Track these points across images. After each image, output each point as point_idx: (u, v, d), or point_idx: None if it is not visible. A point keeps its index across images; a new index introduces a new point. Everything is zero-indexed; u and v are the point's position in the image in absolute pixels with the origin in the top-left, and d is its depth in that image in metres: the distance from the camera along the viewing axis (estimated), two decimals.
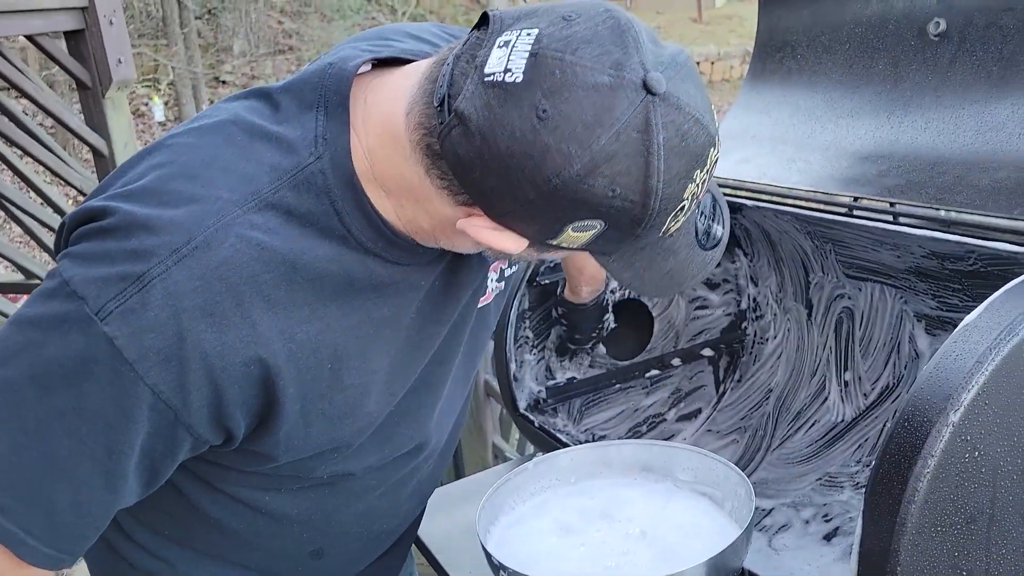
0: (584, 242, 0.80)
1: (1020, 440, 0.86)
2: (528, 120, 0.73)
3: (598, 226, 0.78)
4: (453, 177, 0.79)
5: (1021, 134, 1.13)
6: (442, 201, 0.83)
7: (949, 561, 0.85)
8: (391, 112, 0.84)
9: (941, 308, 1.39)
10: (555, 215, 0.77)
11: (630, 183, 0.74)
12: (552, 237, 0.80)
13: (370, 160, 0.86)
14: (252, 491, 1.01)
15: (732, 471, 1.11)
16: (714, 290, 1.76)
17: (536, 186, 0.74)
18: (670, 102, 0.75)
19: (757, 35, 1.60)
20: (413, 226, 0.89)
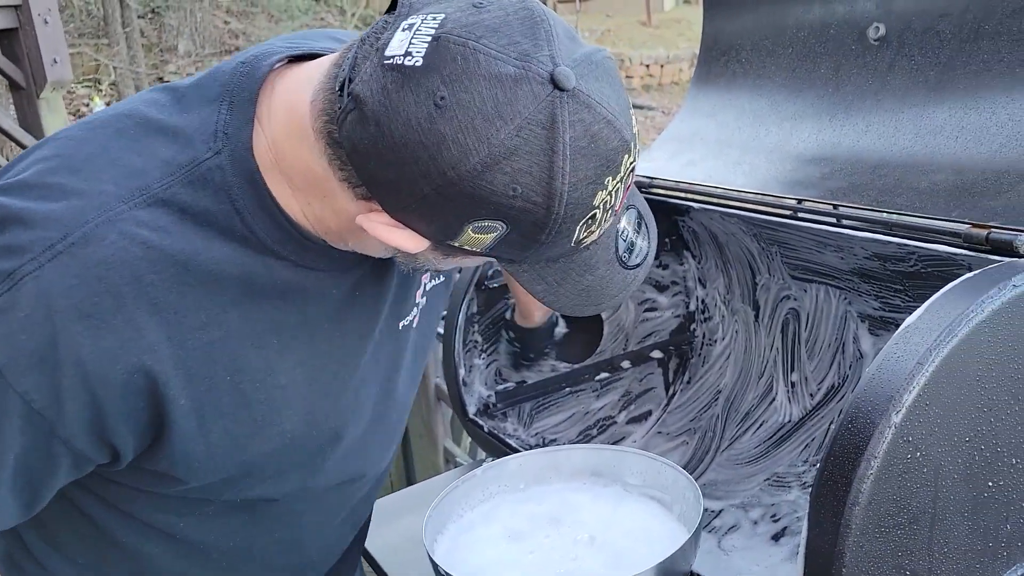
0: (487, 246, 0.76)
1: (961, 440, 0.87)
2: (425, 107, 0.68)
3: (500, 228, 0.73)
4: (352, 167, 0.74)
5: (958, 137, 1.15)
6: (344, 195, 0.77)
7: (893, 561, 0.86)
8: (297, 101, 0.79)
9: (884, 309, 1.41)
10: (453, 213, 0.72)
11: (532, 183, 0.70)
12: (452, 238, 0.75)
13: (275, 153, 0.80)
14: (165, 515, 0.94)
15: (680, 475, 1.11)
16: (663, 292, 1.77)
17: (431, 180, 0.70)
18: (580, 100, 0.70)
19: (702, 39, 1.61)
20: (322, 226, 0.83)
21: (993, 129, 1.11)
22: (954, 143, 1.15)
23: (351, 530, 1.13)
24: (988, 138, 1.11)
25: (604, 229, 0.80)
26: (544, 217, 0.72)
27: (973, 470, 0.89)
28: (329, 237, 0.84)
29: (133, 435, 0.80)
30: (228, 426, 0.84)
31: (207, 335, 0.80)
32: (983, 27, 1.16)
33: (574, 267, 0.82)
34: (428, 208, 0.72)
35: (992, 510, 0.91)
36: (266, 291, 0.83)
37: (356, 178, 0.74)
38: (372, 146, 0.70)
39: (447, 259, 0.83)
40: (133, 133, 0.81)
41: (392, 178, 0.71)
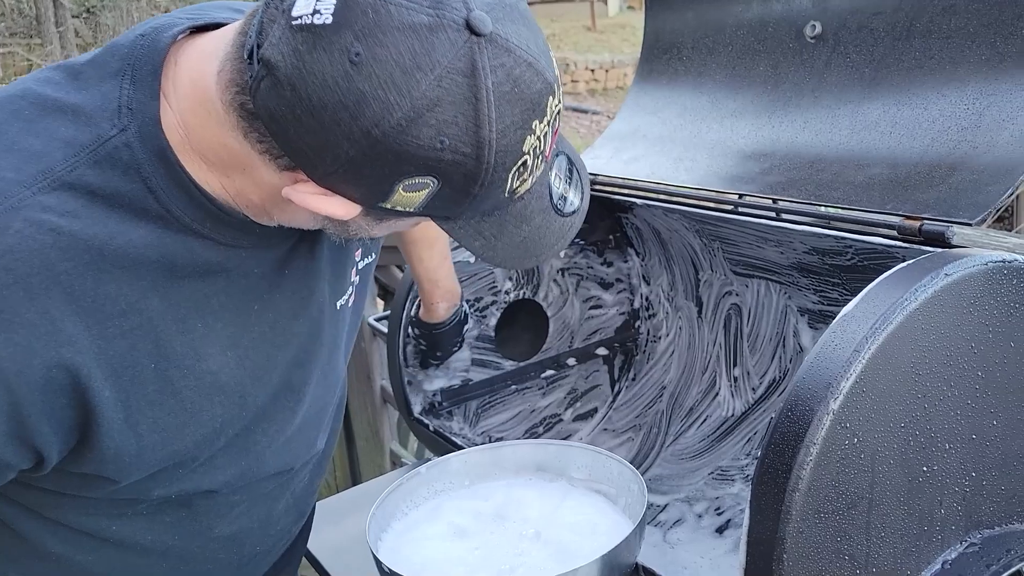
0: (420, 203, 0.73)
1: (896, 426, 0.89)
2: (340, 66, 0.65)
3: (431, 184, 0.70)
4: (271, 138, 0.71)
5: (892, 132, 1.18)
6: (266, 168, 0.74)
7: (832, 546, 0.87)
8: (201, 73, 0.75)
9: (822, 302, 1.44)
10: (381, 172, 0.69)
11: (459, 133, 0.68)
12: (383, 199, 0.72)
13: (185, 130, 0.77)
14: (95, 519, 0.89)
15: (625, 468, 1.11)
16: (607, 290, 1.78)
17: (355, 140, 0.67)
18: (498, 44, 0.68)
19: (644, 37, 1.62)
20: (244, 200, 0.79)
21: (925, 124, 1.14)
22: (888, 138, 1.17)
23: (295, 522, 1.09)
24: (920, 133, 1.14)
25: (536, 177, 0.78)
26: (475, 168, 0.70)
27: (908, 455, 0.90)
28: (252, 212, 0.81)
29: (58, 435, 0.76)
30: (157, 416, 0.81)
31: (128, 322, 0.76)
32: (915, 25, 1.19)
33: (510, 219, 0.79)
34: (355, 171, 0.69)
35: (926, 494, 0.93)
36: (187, 273, 0.80)
37: (277, 148, 0.71)
38: (290, 112, 0.68)
39: (380, 224, 0.80)
40: (28, 115, 0.77)
41: (315, 143, 0.69)
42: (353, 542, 1.28)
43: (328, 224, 0.81)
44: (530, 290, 1.68)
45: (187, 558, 0.96)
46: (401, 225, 0.84)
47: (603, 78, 15.91)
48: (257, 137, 0.72)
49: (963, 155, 1.08)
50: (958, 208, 1.03)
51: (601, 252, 1.75)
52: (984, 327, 0.92)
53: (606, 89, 15.85)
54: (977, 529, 0.98)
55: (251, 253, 0.84)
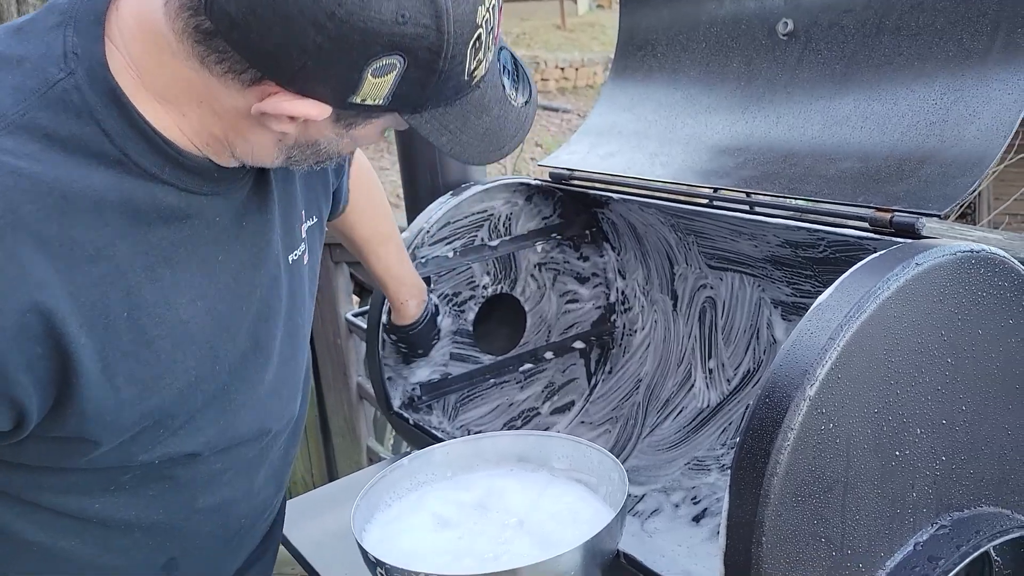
0: (388, 91, 0.74)
1: (870, 411, 0.91)
2: None
3: (398, 63, 0.72)
4: (233, 51, 0.71)
5: (863, 127, 1.20)
6: (229, 91, 0.75)
7: (809, 529, 0.90)
8: (146, 10, 0.75)
9: (795, 295, 1.47)
10: (348, 58, 0.71)
11: (418, 5, 0.70)
12: (353, 91, 0.74)
13: (136, 71, 0.76)
14: (77, 499, 0.87)
15: (606, 457, 1.13)
16: (583, 284, 1.79)
17: (320, 25, 0.68)
18: None
19: (619, 34, 1.64)
20: (203, 138, 0.80)
21: (895, 119, 1.17)
22: (859, 132, 1.20)
23: (274, 493, 1.09)
24: (891, 127, 1.17)
25: (489, 61, 0.81)
26: (437, 39, 0.72)
27: (881, 440, 0.93)
28: (213, 149, 0.81)
29: (37, 389, 0.75)
30: (132, 368, 0.80)
31: (98, 269, 0.76)
32: (884, 22, 1.22)
33: (471, 109, 0.82)
34: (324, 60, 0.70)
35: (899, 478, 0.95)
36: (151, 219, 0.79)
37: (241, 62, 0.72)
38: (250, 12, 0.68)
39: (349, 131, 0.82)
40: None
41: (280, 40, 0.69)
42: (335, 535, 1.29)
43: (295, 152, 0.82)
44: (508, 285, 1.70)
45: (172, 533, 0.95)
46: (371, 133, 0.84)
47: (573, 76, 15.96)
48: (216, 58, 0.72)
49: (932, 149, 1.11)
50: (927, 200, 1.06)
51: (577, 247, 1.76)
52: (953, 315, 0.95)
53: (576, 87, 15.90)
54: (947, 511, 1.01)
55: (210, 201, 0.84)
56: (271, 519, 1.15)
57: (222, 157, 0.83)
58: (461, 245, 1.60)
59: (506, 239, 1.66)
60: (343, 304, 2.42)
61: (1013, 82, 1.07)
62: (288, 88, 0.73)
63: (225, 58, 0.72)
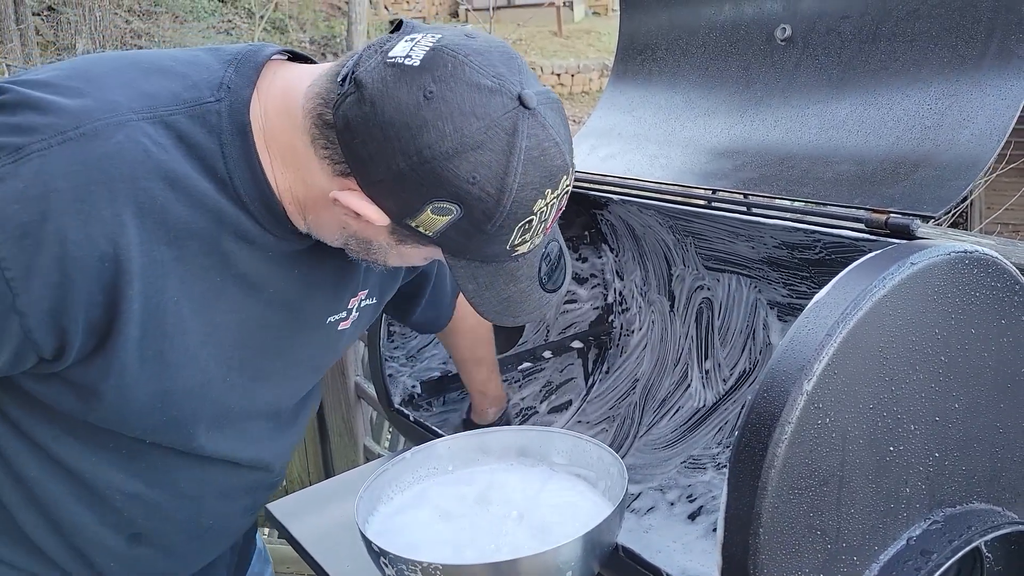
0: (439, 229, 0.86)
1: (865, 407, 0.93)
2: (415, 96, 0.81)
3: (454, 211, 0.84)
4: (338, 144, 0.85)
5: (859, 131, 1.23)
6: (322, 172, 0.88)
7: (805, 521, 0.91)
8: (293, 86, 0.90)
9: (791, 296, 1.49)
10: (419, 190, 0.83)
11: (489, 176, 0.82)
12: (412, 215, 0.86)
13: (264, 122, 0.90)
14: (79, 448, 0.96)
15: (605, 451, 1.15)
16: (582, 285, 1.81)
17: (408, 156, 0.82)
18: (538, 119, 0.84)
19: (619, 38, 1.66)
20: (289, 196, 0.93)
21: (891, 123, 1.19)
22: (855, 136, 1.22)
23: (247, 510, 1.17)
24: (886, 131, 1.19)
25: (534, 244, 0.92)
26: (493, 207, 0.84)
27: (876, 435, 0.95)
28: (291, 210, 0.94)
29: (84, 330, 0.84)
30: (164, 348, 0.90)
31: (169, 252, 0.87)
32: (881, 29, 1.24)
33: (502, 274, 0.93)
34: (399, 182, 0.83)
35: (893, 473, 0.97)
36: (227, 233, 0.91)
37: (339, 154, 0.86)
38: (363, 123, 0.83)
39: (399, 246, 0.93)
40: (146, 67, 0.90)
41: (373, 152, 0.83)
42: (338, 528, 1.30)
43: (351, 242, 0.95)
44: None
45: (147, 509, 1.03)
46: (415, 255, 0.97)
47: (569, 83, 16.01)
48: (323, 143, 0.87)
49: (926, 152, 1.13)
50: (922, 202, 1.08)
51: (576, 248, 1.79)
52: (947, 314, 0.97)
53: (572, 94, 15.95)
54: (940, 507, 1.03)
55: (276, 241, 0.95)
56: (233, 538, 1.20)
57: (296, 219, 0.95)
58: None
59: None
60: None
61: (1006, 88, 1.09)
62: (364, 190, 0.87)
63: (330, 146, 0.86)
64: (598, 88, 15.53)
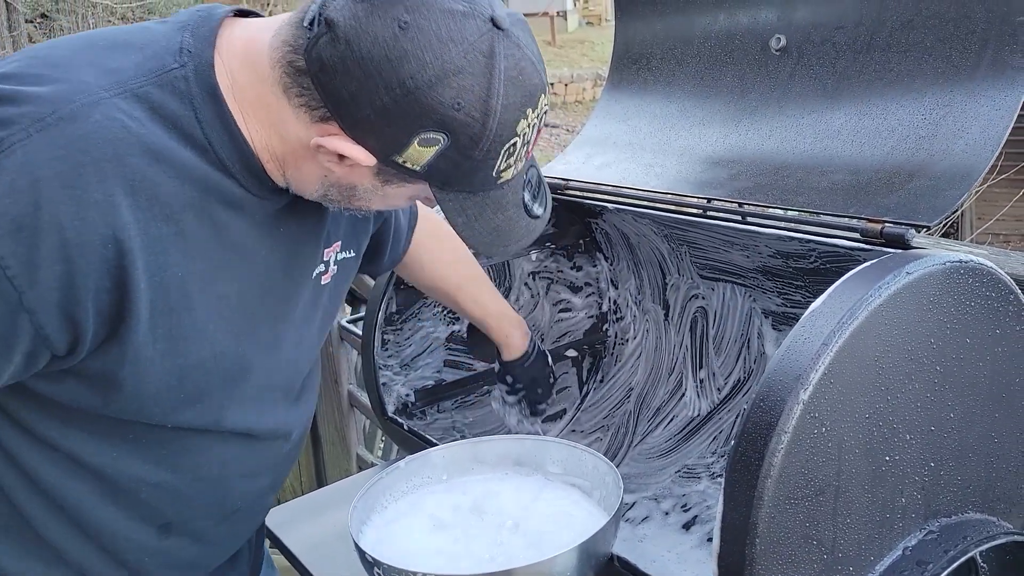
0: (428, 160, 0.86)
1: (861, 417, 0.93)
2: (390, 28, 0.81)
3: (441, 140, 0.84)
4: (314, 89, 0.84)
5: (854, 140, 1.23)
6: (298, 122, 0.87)
7: (801, 531, 0.91)
8: (255, 40, 0.89)
9: (786, 305, 1.49)
10: (405, 122, 0.83)
11: (473, 100, 0.83)
12: (399, 151, 0.85)
13: (231, 80, 0.89)
14: (98, 442, 0.95)
15: (600, 461, 1.15)
16: (577, 293, 1.81)
17: (391, 89, 0.81)
18: (512, 39, 0.85)
19: (614, 47, 1.67)
20: (267, 152, 0.92)
21: (885, 133, 1.19)
22: (850, 146, 1.23)
23: (270, 490, 1.15)
24: (881, 141, 1.19)
25: (518, 170, 0.92)
26: (480, 131, 0.84)
27: (872, 445, 0.95)
28: (270, 167, 0.93)
29: (96, 318, 0.84)
30: (172, 324, 0.89)
31: (167, 228, 0.86)
32: (875, 39, 1.25)
33: (489, 204, 0.93)
34: (384, 118, 0.83)
35: (889, 483, 0.97)
36: (216, 202, 0.90)
37: (317, 99, 0.84)
38: (340, 62, 0.82)
39: (384, 187, 0.92)
40: (103, 45, 0.89)
41: (355, 90, 0.82)
42: (331, 538, 1.30)
43: (332, 191, 0.94)
44: (502, 292, 1.71)
45: (174, 496, 1.02)
46: (400, 195, 0.95)
47: (563, 92, 16.05)
48: (297, 91, 0.85)
49: (921, 162, 1.13)
50: (917, 212, 1.08)
51: (571, 256, 1.78)
52: (942, 323, 0.97)
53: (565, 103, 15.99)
54: (935, 517, 1.03)
55: (260, 202, 0.95)
56: (260, 517, 1.19)
57: (274, 173, 0.94)
58: None
59: None
60: None
61: (1000, 98, 1.10)
62: (347, 132, 0.86)
63: (304, 92, 0.85)
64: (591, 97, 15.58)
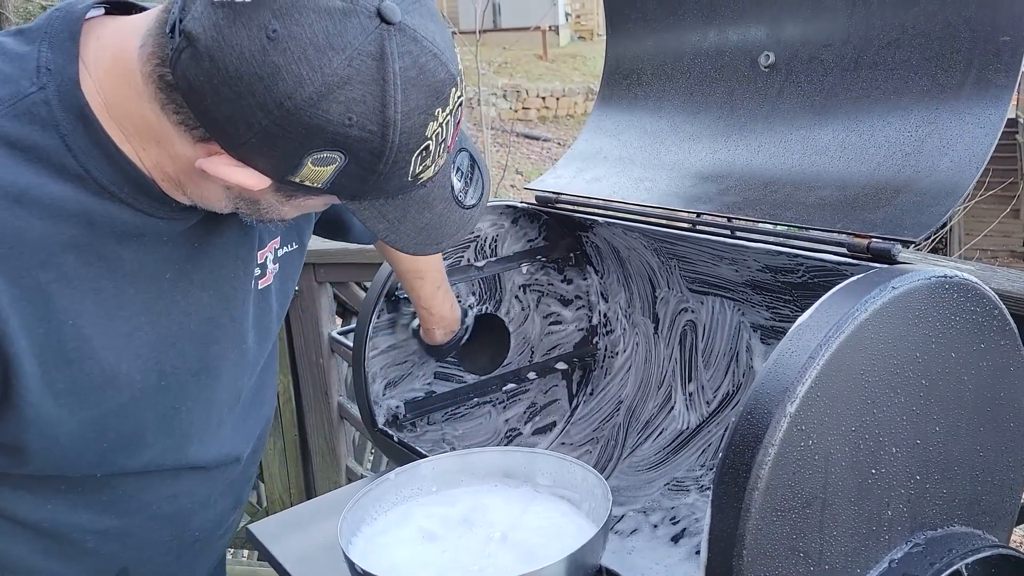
0: (327, 179, 0.76)
1: (848, 429, 0.94)
2: (257, 40, 0.70)
3: (338, 159, 0.74)
4: (188, 108, 0.75)
5: (841, 157, 1.24)
6: (181, 140, 0.78)
7: (788, 543, 0.92)
8: (124, 47, 0.79)
9: (774, 319, 1.50)
10: (291, 145, 0.73)
11: (367, 112, 0.72)
12: (292, 172, 0.76)
13: (104, 97, 0.79)
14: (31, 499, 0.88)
15: (589, 473, 1.15)
16: (567, 306, 1.82)
17: (268, 111, 0.71)
18: (407, 33, 0.73)
19: (605, 63, 1.68)
20: (159, 173, 0.82)
21: (872, 149, 1.21)
22: (838, 161, 1.24)
23: (232, 506, 1.10)
24: (868, 157, 1.21)
25: (439, 166, 0.83)
26: (380, 146, 0.74)
27: (859, 458, 0.96)
28: (167, 185, 0.83)
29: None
30: (74, 376, 0.82)
31: (46, 275, 0.78)
32: (862, 57, 1.26)
33: (413, 204, 0.83)
34: (267, 141, 0.73)
35: (875, 495, 0.98)
36: (104, 234, 0.81)
37: (193, 119, 0.75)
38: (207, 82, 0.71)
39: (290, 201, 0.83)
40: None
41: (229, 113, 0.72)
42: (320, 550, 1.29)
43: (240, 204, 0.84)
44: (493, 305, 1.72)
45: (126, 540, 0.95)
46: (311, 204, 0.86)
47: (554, 106, 16.13)
48: (174, 108, 0.75)
49: (907, 178, 1.15)
50: (903, 227, 1.10)
51: (561, 270, 1.79)
52: (927, 338, 0.98)
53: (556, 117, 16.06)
54: (921, 530, 1.04)
55: (166, 224, 0.86)
56: (226, 539, 1.14)
57: (176, 194, 0.85)
58: (448, 265, 1.62)
59: (492, 260, 1.69)
60: (326, 323, 2.43)
61: (985, 116, 1.11)
62: (231, 153, 0.76)
63: (181, 111, 0.75)
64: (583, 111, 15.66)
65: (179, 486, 0.97)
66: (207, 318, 0.93)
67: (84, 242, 0.80)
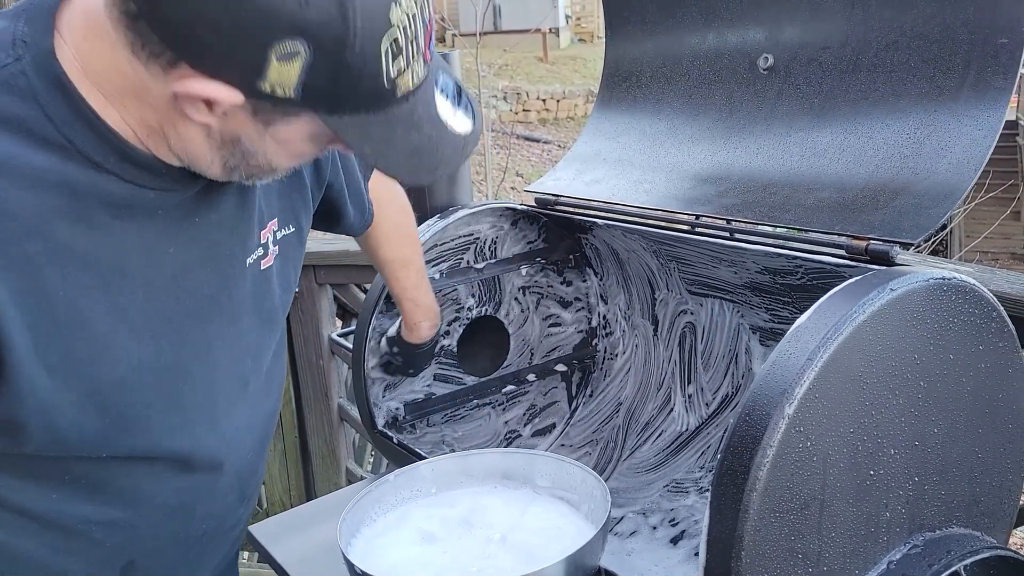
0: (297, 80, 0.74)
1: (846, 431, 0.94)
2: None
3: (302, 49, 0.72)
4: (152, 33, 0.73)
5: (840, 159, 1.25)
6: (155, 79, 0.76)
7: (786, 544, 0.92)
8: (92, 7, 0.78)
9: (773, 321, 1.50)
10: (252, 37, 0.71)
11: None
12: (259, 74, 0.73)
13: (81, 61, 0.79)
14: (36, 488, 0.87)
15: (588, 474, 1.15)
16: (566, 308, 1.82)
17: (222, 2, 0.70)
18: None
19: (604, 66, 1.69)
20: (143, 130, 0.81)
21: (871, 151, 1.21)
22: (836, 164, 1.24)
23: (238, 500, 1.09)
24: (866, 159, 1.21)
25: (418, 76, 0.80)
26: (342, 28, 0.72)
27: (857, 459, 0.96)
28: (153, 143, 0.83)
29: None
30: (68, 346, 0.80)
31: (33, 245, 0.77)
32: (861, 60, 1.27)
33: (399, 123, 0.80)
34: (229, 41, 0.71)
35: (873, 497, 0.98)
36: (91, 205, 0.81)
37: (159, 43, 0.74)
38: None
39: (268, 129, 0.80)
40: None
41: (186, 17, 0.71)
42: (320, 551, 1.29)
43: (224, 150, 0.82)
44: (492, 307, 1.72)
45: (132, 533, 0.94)
46: (292, 135, 0.82)
47: (554, 108, 16.13)
48: (141, 43, 0.74)
49: (906, 181, 1.15)
50: (901, 229, 1.10)
51: (561, 272, 1.80)
52: (926, 339, 0.99)
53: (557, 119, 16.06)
54: (920, 531, 1.04)
55: (156, 195, 0.85)
56: (234, 535, 1.14)
57: (162, 151, 0.83)
58: (447, 267, 1.62)
59: (491, 262, 1.69)
60: (326, 325, 2.43)
61: (983, 118, 1.11)
62: (199, 69, 0.74)
63: (148, 42, 0.74)
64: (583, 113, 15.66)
65: (184, 477, 0.96)
66: (206, 296, 0.92)
67: (72, 212, 0.79)
